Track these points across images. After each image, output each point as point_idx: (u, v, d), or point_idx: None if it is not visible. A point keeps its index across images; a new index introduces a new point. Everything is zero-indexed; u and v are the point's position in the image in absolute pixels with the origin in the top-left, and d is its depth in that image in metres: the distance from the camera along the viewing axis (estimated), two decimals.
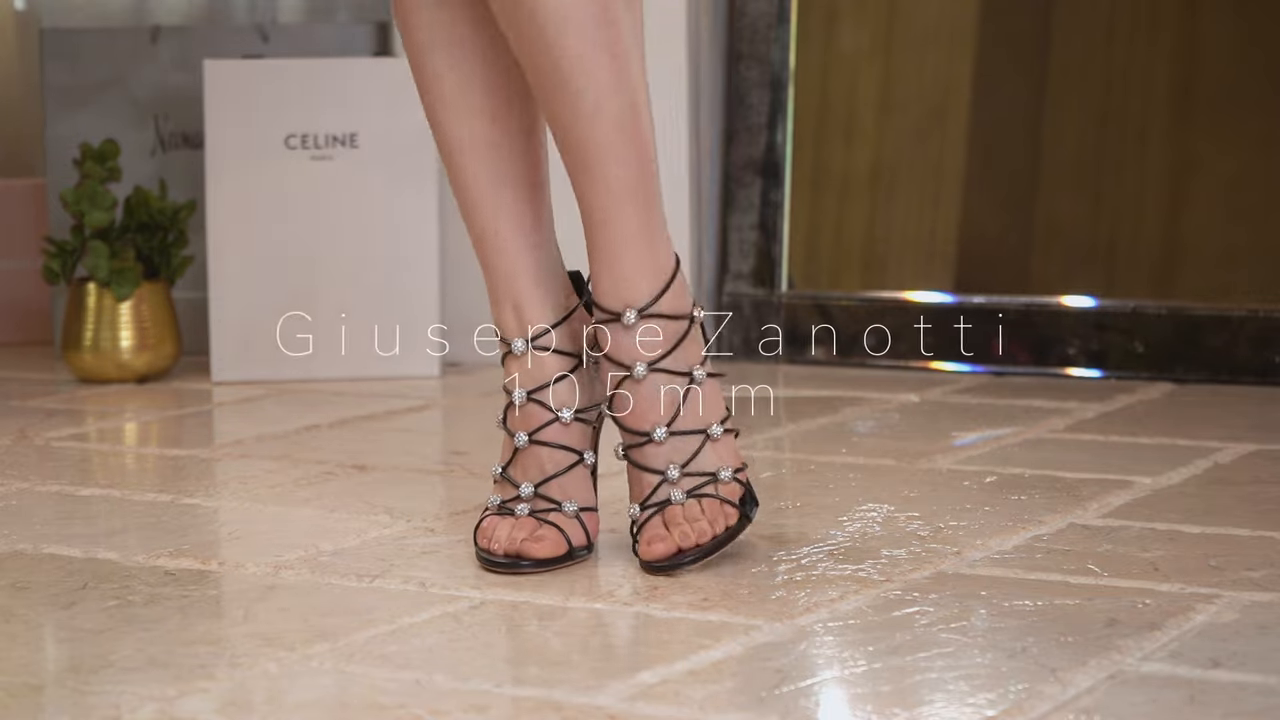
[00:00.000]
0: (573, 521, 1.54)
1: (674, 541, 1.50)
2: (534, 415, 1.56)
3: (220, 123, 2.54)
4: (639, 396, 1.54)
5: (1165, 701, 1.18)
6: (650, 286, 1.54)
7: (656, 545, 1.50)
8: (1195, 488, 1.81)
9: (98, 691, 1.22)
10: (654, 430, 1.53)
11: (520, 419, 1.57)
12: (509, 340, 1.58)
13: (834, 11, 2.68)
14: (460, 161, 1.57)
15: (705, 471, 1.53)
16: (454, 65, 1.56)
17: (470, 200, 1.58)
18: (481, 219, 1.58)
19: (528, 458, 1.56)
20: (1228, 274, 2.47)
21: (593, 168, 1.52)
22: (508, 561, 1.51)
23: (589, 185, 1.53)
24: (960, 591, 1.44)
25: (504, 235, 1.58)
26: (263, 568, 1.55)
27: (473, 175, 1.57)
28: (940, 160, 2.63)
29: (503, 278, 1.58)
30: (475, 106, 1.56)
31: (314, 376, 2.54)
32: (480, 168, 1.57)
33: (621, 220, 1.54)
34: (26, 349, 2.91)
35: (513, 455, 1.57)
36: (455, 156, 1.57)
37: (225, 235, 2.55)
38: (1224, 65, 2.50)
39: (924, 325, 2.58)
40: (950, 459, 1.96)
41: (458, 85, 1.56)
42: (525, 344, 1.57)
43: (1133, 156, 2.53)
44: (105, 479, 1.94)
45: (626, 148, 1.52)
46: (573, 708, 1.18)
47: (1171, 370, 2.45)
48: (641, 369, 1.53)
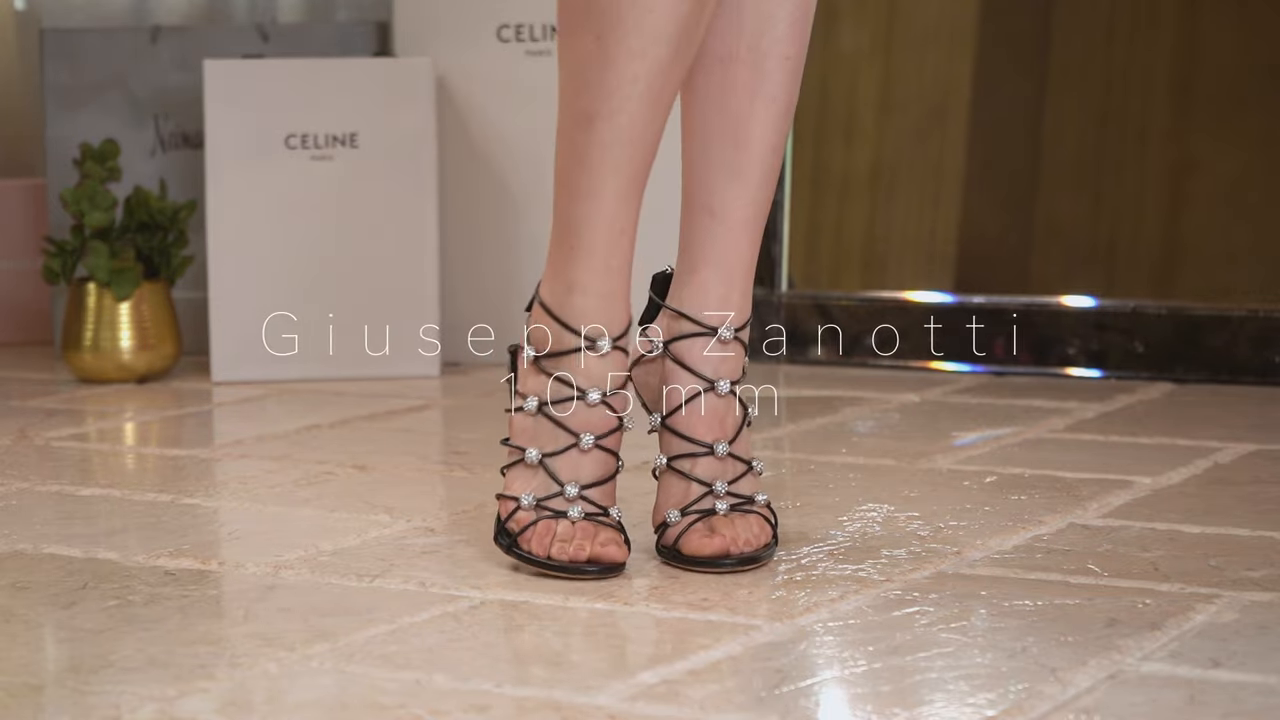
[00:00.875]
0: (618, 529, 1.52)
1: (725, 543, 1.50)
2: (602, 418, 1.52)
3: (220, 123, 2.54)
4: (711, 411, 1.55)
5: (1165, 701, 1.18)
6: (746, 310, 1.57)
7: (708, 543, 1.50)
8: (1195, 488, 1.81)
9: (98, 691, 1.22)
10: (717, 445, 1.54)
11: (586, 419, 1.51)
12: (590, 335, 1.50)
13: (834, 11, 2.68)
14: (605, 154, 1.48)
15: (744, 494, 1.55)
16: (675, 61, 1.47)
17: (602, 191, 1.49)
18: (618, 214, 1.51)
19: (585, 460, 1.52)
20: (1228, 274, 2.47)
21: (751, 177, 1.54)
22: (570, 569, 1.48)
23: (741, 193, 1.54)
24: (960, 591, 1.44)
25: (627, 234, 1.52)
26: (263, 568, 1.55)
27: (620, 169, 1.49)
28: (940, 160, 2.63)
29: (604, 270, 1.51)
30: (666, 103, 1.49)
31: (314, 377, 2.54)
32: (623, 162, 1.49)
33: (753, 238, 1.56)
34: (26, 349, 2.91)
35: (563, 450, 1.51)
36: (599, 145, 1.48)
37: (225, 235, 2.54)
38: (1224, 65, 2.50)
39: (924, 325, 2.58)
40: (950, 459, 1.96)
41: (666, 82, 1.47)
42: (610, 343, 1.51)
43: (1133, 156, 2.53)
44: (105, 479, 1.94)
45: (778, 170, 1.56)
46: (573, 708, 1.18)
47: (1171, 370, 2.45)
48: (725, 385, 1.55)
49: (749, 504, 1.55)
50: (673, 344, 1.57)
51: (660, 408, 1.57)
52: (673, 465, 1.55)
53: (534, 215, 2.64)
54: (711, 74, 1.54)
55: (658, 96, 1.46)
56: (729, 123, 1.54)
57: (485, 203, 2.63)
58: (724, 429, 1.55)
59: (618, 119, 1.46)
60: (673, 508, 1.54)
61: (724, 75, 1.53)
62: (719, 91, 1.54)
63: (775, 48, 1.53)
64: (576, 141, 1.48)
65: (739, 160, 1.54)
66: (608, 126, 1.47)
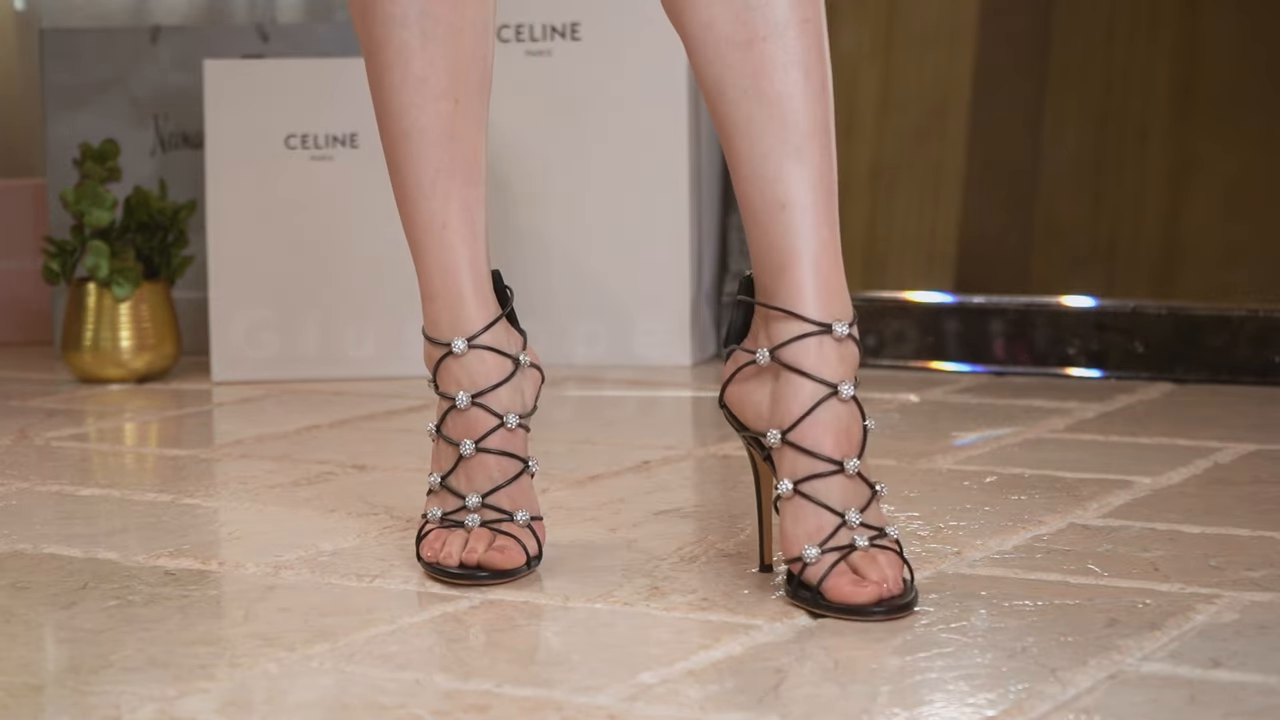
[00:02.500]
0: (526, 531, 1.49)
1: (877, 590, 1.36)
2: (478, 421, 1.49)
3: (220, 123, 2.54)
4: (836, 420, 1.39)
5: (1165, 701, 1.18)
6: (849, 303, 1.42)
7: (861, 590, 1.36)
8: (1195, 488, 1.81)
9: (98, 691, 1.22)
10: (847, 461, 1.38)
11: (463, 425, 1.50)
12: (447, 340, 1.50)
13: (834, 11, 2.68)
14: (414, 148, 1.50)
15: (876, 526, 1.39)
16: (426, 43, 1.49)
17: (419, 190, 1.51)
18: (429, 210, 1.51)
19: (473, 466, 1.49)
20: (1228, 274, 2.47)
21: (810, 154, 1.40)
22: (463, 573, 1.46)
23: (806, 175, 1.40)
24: (960, 591, 1.44)
25: (450, 228, 1.51)
26: (263, 568, 1.55)
27: (427, 163, 1.50)
28: (940, 160, 2.63)
29: (442, 272, 1.51)
30: (441, 90, 1.50)
31: (314, 377, 2.54)
32: (436, 156, 1.50)
33: (832, 221, 1.42)
34: (26, 349, 2.91)
35: (455, 464, 1.50)
36: (408, 142, 1.51)
37: (225, 235, 2.55)
38: (1224, 65, 2.50)
39: (924, 325, 2.58)
40: (950, 459, 1.96)
41: (426, 65, 1.49)
42: (466, 344, 1.49)
43: (1133, 156, 2.53)
44: (105, 479, 1.94)
45: (830, 144, 1.43)
46: (573, 708, 1.18)
47: (1171, 370, 2.45)
48: (848, 389, 1.39)
49: (882, 536, 1.39)
50: (781, 349, 1.40)
51: (766, 425, 1.42)
52: (800, 490, 1.39)
53: (534, 214, 2.64)
54: (735, 62, 1.42)
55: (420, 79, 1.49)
56: (771, 105, 1.41)
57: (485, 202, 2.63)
58: (851, 442, 1.39)
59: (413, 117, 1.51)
60: (808, 542, 1.38)
61: (749, 59, 1.41)
62: (750, 77, 1.41)
63: (794, 14, 1.41)
64: (384, 147, 1.53)
65: (794, 141, 1.40)
66: (392, 124, 1.51)
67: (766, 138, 1.41)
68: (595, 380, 2.53)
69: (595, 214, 2.63)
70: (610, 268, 2.63)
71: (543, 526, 1.52)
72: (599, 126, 2.62)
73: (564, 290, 2.64)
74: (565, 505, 1.76)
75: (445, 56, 1.50)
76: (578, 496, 1.81)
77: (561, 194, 2.64)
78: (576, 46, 2.61)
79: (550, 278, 2.64)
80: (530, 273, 2.62)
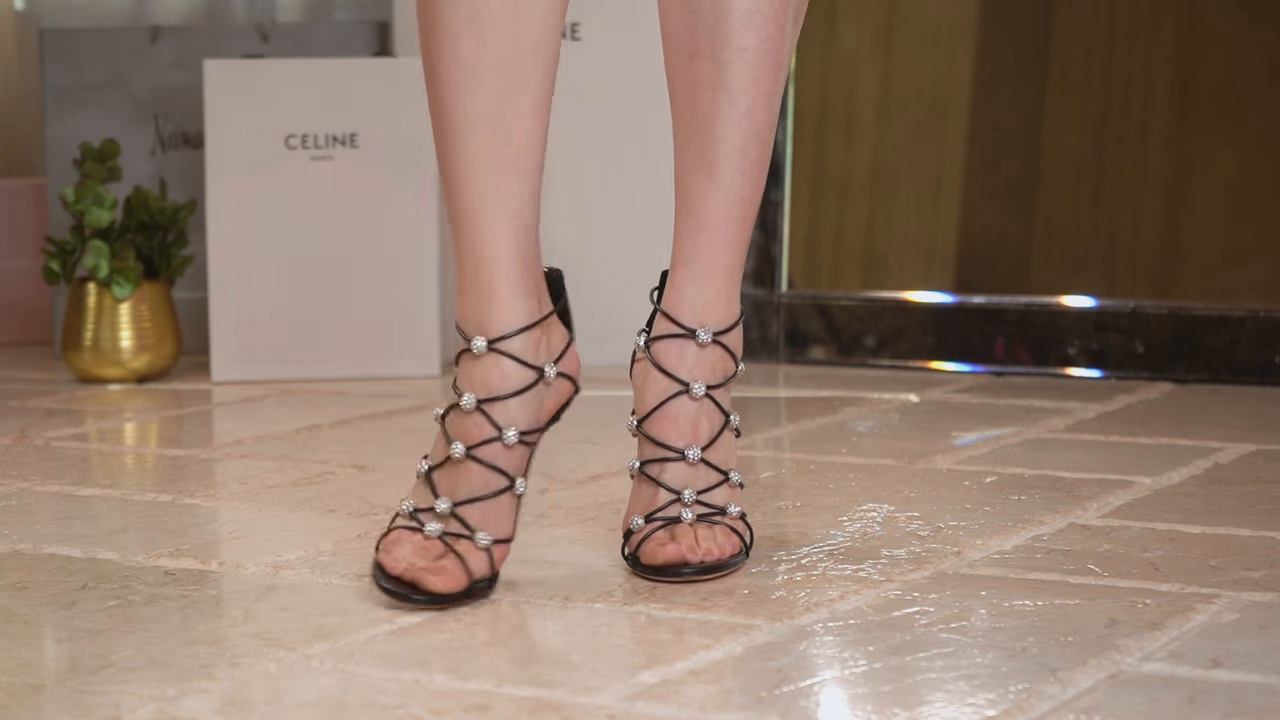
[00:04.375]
0: (480, 554, 1.43)
1: (681, 551, 1.47)
2: (477, 427, 1.44)
3: (220, 123, 2.54)
4: (684, 414, 1.51)
5: (1165, 701, 1.18)
6: (727, 314, 1.53)
7: (663, 550, 1.47)
8: (1195, 488, 1.81)
9: (98, 691, 1.22)
10: (689, 450, 1.50)
11: (461, 427, 1.44)
12: (469, 337, 1.44)
13: (834, 11, 2.68)
14: (456, 137, 1.44)
15: (715, 505, 1.51)
16: (475, 26, 1.42)
17: (460, 179, 1.44)
18: (469, 200, 1.44)
19: (458, 471, 1.44)
20: (1228, 274, 2.47)
21: (721, 175, 1.51)
22: (399, 591, 1.41)
23: (711, 191, 1.51)
24: (960, 591, 1.44)
25: (486, 220, 1.43)
26: (263, 568, 1.55)
27: (465, 153, 1.44)
28: (940, 160, 2.63)
29: (473, 266, 1.44)
30: (488, 76, 1.42)
31: (314, 377, 2.54)
32: (479, 146, 1.44)
33: (728, 239, 1.52)
34: (26, 349, 2.91)
35: (442, 461, 1.45)
36: (451, 130, 1.44)
37: (225, 235, 2.54)
38: (1224, 65, 2.50)
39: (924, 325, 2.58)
40: (950, 459, 1.96)
41: (475, 49, 1.42)
42: (485, 344, 1.43)
43: (1133, 156, 2.53)
44: (105, 479, 1.94)
45: (757, 168, 1.52)
46: (573, 708, 1.18)
47: (1171, 370, 2.45)
48: (700, 388, 1.51)
49: (719, 514, 1.51)
50: (652, 344, 1.54)
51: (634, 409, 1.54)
52: (644, 470, 1.51)
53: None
54: (679, 71, 1.51)
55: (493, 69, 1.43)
56: (696, 120, 1.51)
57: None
58: (696, 434, 1.51)
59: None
60: (638, 514, 1.50)
61: (687, 70, 1.50)
62: (686, 89, 1.51)
63: (731, 39, 1.49)
64: (433, 132, 1.47)
65: (708, 158, 1.51)
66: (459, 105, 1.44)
67: (690, 147, 1.52)
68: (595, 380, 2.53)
69: (595, 214, 2.63)
70: (610, 267, 2.62)
71: (506, 549, 1.45)
72: (599, 126, 2.62)
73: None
74: (565, 505, 1.76)
75: (499, 42, 1.42)
76: (578, 496, 1.81)
77: (561, 193, 2.64)
78: (576, 46, 2.61)
79: None
80: None
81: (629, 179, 2.62)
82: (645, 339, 1.55)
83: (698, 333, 1.52)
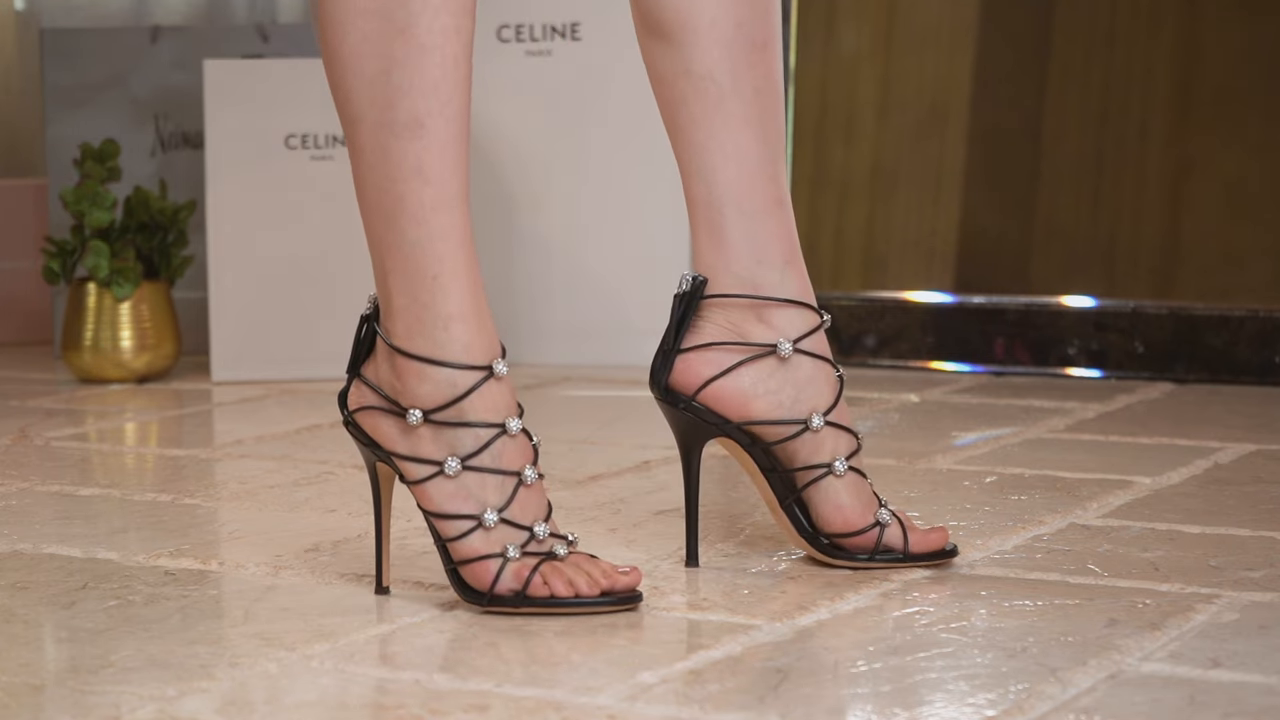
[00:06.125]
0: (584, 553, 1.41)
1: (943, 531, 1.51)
2: (528, 446, 1.39)
3: (220, 123, 2.54)
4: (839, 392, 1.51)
5: (1165, 701, 1.18)
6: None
7: (935, 536, 1.50)
8: (1195, 488, 1.81)
9: (98, 691, 1.22)
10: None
11: (516, 451, 1.39)
12: (485, 364, 1.38)
13: (834, 11, 2.68)
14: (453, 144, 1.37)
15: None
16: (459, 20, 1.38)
17: (446, 198, 1.37)
18: (457, 220, 1.38)
19: (532, 496, 1.39)
20: (1228, 274, 2.47)
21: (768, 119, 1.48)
22: (614, 599, 1.38)
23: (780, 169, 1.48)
24: (960, 591, 1.44)
25: (470, 242, 1.39)
26: (263, 568, 1.55)
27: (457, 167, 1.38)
28: (940, 160, 2.63)
29: (474, 291, 1.38)
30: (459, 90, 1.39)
31: (314, 377, 2.54)
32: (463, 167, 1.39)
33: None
34: (26, 349, 2.91)
35: (513, 493, 1.38)
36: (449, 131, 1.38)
37: (225, 235, 2.55)
38: (1224, 65, 2.50)
39: (924, 325, 2.58)
40: (950, 459, 1.96)
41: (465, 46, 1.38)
42: (504, 364, 1.39)
43: (1133, 156, 2.53)
44: (105, 479, 1.94)
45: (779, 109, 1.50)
46: (573, 708, 1.18)
47: (1171, 370, 2.46)
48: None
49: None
50: (805, 339, 1.48)
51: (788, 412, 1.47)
52: (852, 466, 1.49)
53: (534, 214, 2.64)
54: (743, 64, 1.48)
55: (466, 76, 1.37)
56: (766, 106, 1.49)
57: (484, 202, 2.63)
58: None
59: (448, 110, 1.35)
60: (871, 510, 1.49)
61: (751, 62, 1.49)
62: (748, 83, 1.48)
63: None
64: (406, 153, 1.35)
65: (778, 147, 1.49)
66: (441, 122, 1.35)
67: (765, 139, 1.49)
68: (595, 380, 2.53)
69: (595, 214, 2.63)
70: (610, 267, 2.62)
71: None
72: (599, 127, 2.62)
73: (564, 290, 2.64)
74: (565, 505, 1.76)
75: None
76: (578, 496, 1.81)
77: (561, 194, 2.64)
78: (576, 46, 2.61)
79: (550, 277, 2.64)
80: (530, 272, 2.62)
81: (629, 179, 2.62)
82: (791, 339, 1.48)
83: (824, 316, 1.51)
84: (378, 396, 1.41)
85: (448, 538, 1.39)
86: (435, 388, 1.38)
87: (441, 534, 1.39)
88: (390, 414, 1.40)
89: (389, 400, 1.40)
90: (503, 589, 1.37)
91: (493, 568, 1.37)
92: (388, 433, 1.40)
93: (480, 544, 1.38)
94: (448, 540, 1.39)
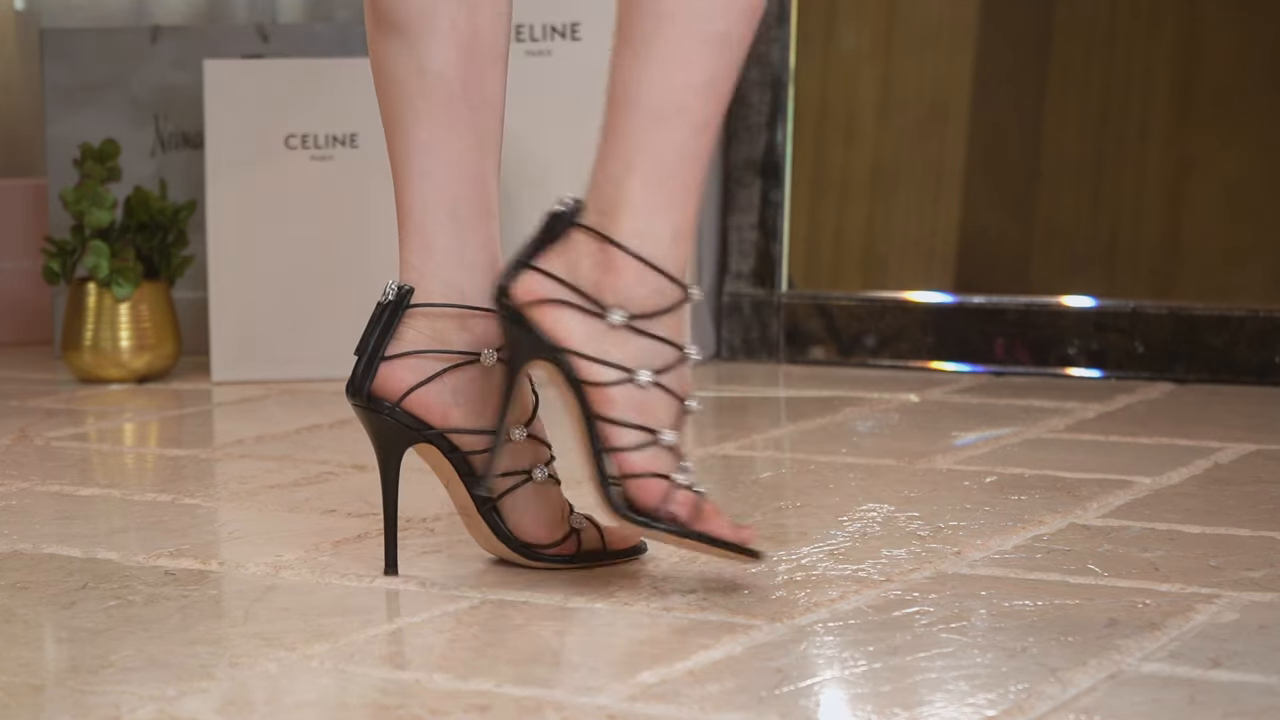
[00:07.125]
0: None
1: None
2: (690, 379, 1.39)
3: (220, 123, 2.54)
4: None
5: (1165, 701, 1.18)
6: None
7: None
8: (1195, 488, 1.81)
9: (98, 691, 1.22)
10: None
11: (682, 379, 1.38)
12: (686, 286, 1.38)
13: (834, 12, 2.68)
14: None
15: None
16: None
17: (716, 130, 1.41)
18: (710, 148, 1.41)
19: (688, 428, 1.40)
20: (1228, 274, 2.47)
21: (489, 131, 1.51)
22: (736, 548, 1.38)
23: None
24: (960, 591, 1.44)
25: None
26: (263, 568, 1.55)
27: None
28: (940, 160, 2.63)
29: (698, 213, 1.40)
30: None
31: (314, 377, 2.54)
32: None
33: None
34: (26, 349, 2.91)
35: (678, 419, 1.38)
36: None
37: (225, 235, 2.55)
38: (1224, 65, 2.50)
39: (924, 325, 2.58)
40: (950, 459, 1.96)
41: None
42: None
43: (1133, 156, 2.53)
44: (105, 479, 1.94)
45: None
46: (573, 708, 1.18)
47: (1171, 370, 2.46)
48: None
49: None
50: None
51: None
52: (553, 474, 1.51)
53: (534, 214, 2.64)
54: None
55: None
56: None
57: None
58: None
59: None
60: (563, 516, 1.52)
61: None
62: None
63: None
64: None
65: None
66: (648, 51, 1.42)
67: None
68: None
69: None
70: None
71: None
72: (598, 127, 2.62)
73: None
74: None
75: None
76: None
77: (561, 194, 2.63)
78: (576, 46, 2.61)
79: None
80: None
81: None
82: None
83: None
84: (568, 290, 1.39)
85: (617, 446, 1.37)
86: (649, 294, 1.37)
87: (611, 441, 1.37)
88: (581, 310, 1.37)
89: (586, 296, 1.38)
90: (670, 512, 1.36)
91: (664, 487, 1.37)
92: (573, 329, 1.37)
93: (653, 461, 1.36)
94: (616, 449, 1.37)
